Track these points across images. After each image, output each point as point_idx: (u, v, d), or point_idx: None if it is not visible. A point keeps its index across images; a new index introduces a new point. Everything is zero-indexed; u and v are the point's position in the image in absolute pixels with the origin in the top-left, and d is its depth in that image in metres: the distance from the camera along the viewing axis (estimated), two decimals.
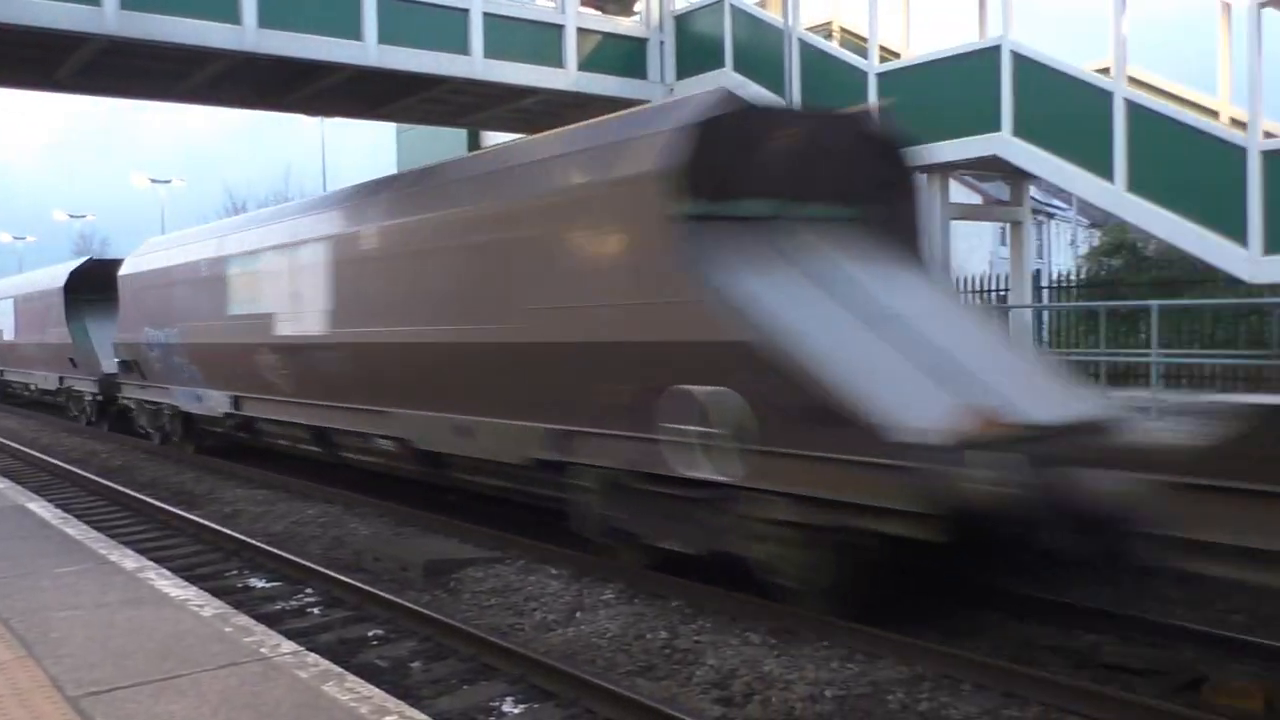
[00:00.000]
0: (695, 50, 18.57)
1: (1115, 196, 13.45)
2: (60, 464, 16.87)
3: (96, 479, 15.09)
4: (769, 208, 8.58)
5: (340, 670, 5.04)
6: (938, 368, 7.26)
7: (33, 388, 26.99)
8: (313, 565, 9.44)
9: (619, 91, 18.60)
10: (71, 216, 75.14)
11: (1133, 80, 14.02)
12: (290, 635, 6.17)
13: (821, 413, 6.60)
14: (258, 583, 9.43)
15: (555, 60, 17.88)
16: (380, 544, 10.15)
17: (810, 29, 17.55)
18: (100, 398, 21.70)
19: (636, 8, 19.61)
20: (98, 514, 12.55)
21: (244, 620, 5.95)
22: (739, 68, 17.78)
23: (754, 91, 16.75)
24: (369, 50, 15.98)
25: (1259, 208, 12.14)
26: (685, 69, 18.67)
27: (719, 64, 17.98)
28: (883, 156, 9.01)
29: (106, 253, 42.27)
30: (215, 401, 15.51)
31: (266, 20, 15.08)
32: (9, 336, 28.01)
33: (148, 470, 16.53)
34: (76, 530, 8.84)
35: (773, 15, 17.60)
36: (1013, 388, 7.28)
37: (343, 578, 8.92)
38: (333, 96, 18.66)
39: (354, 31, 15.87)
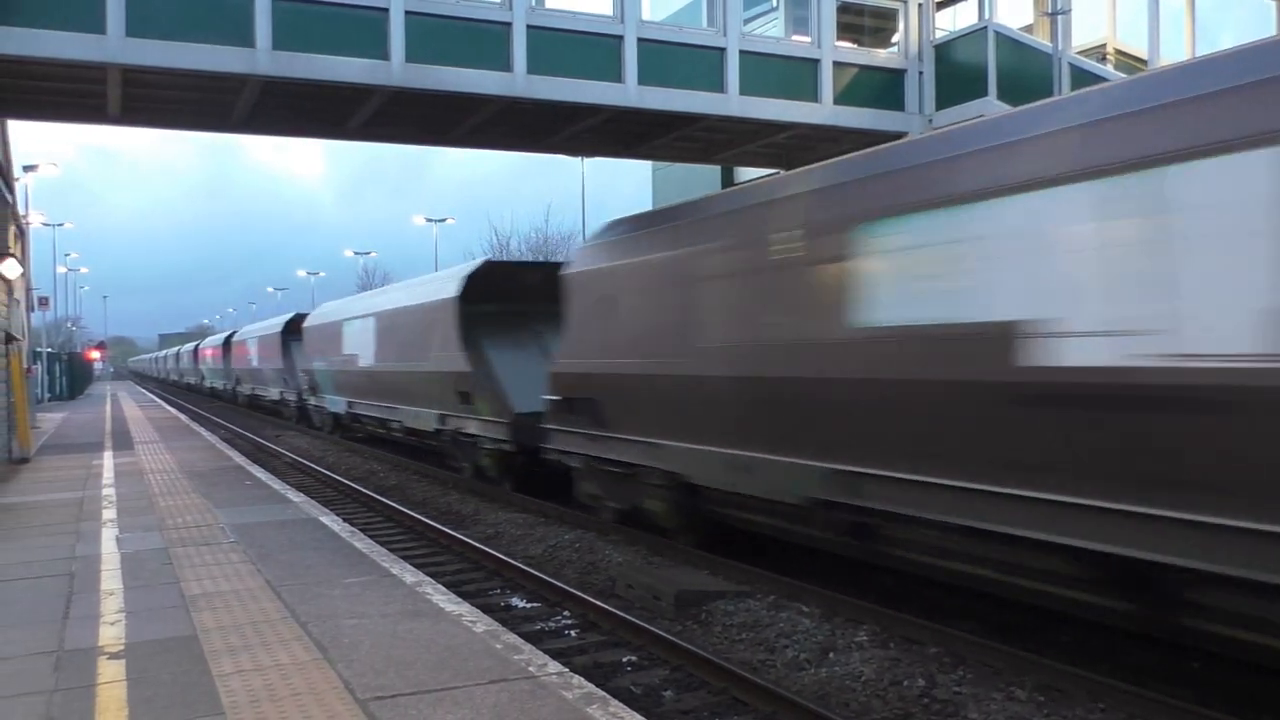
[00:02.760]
0: (956, 80, 18.09)
1: None
2: (344, 481, 18.31)
3: (375, 496, 16.27)
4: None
5: (604, 694, 5.18)
6: None
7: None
8: (570, 589, 9.75)
9: (874, 124, 18.38)
10: (357, 253, 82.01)
11: None
12: (550, 656, 6.39)
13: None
14: (518, 602, 9.85)
15: (810, 95, 17.87)
16: (633, 572, 10.36)
17: (1081, 52, 16.72)
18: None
19: (894, 39, 19.32)
20: (376, 529, 13.51)
21: (513, 638, 6.22)
22: (1004, 96, 17.16)
23: None
24: (629, 91, 16.53)
25: None
26: (945, 99, 18.21)
27: (981, 93, 17.42)
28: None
29: (385, 284, 45.90)
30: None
31: (535, 67, 15.91)
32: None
33: (418, 490, 17.65)
34: (362, 544, 9.55)
35: (1040, 40, 16.90)
36: None
37: (598, 603, 9.17)
38: (592, 137, 19.42)
39: (615, 74, 16.48)
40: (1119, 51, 17.19)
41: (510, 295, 17.07)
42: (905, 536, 7.99)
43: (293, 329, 33.38)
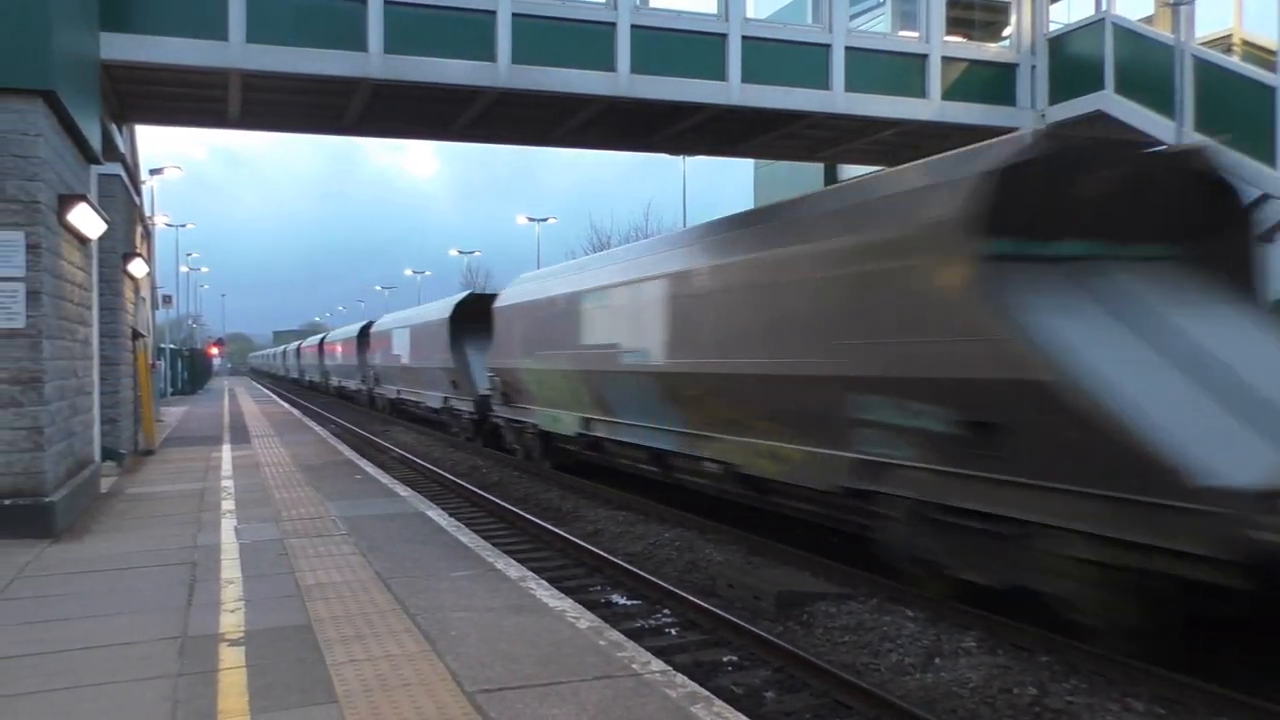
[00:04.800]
0: (1071, 73, 17.57)
1: None
2: (449, 476, 18.68)
3: (478, 491, 16.56)
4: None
5: (708, 694, 5.18)
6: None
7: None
8: (670, 587, 9.77)
9: (983, 120, 17.99)
10: (461, 253, 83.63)
11: None
12: (652, 654, 6.41)
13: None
14: (619, 599, 9.91)
15: (917, 91, 17.57)
16: (733, 571, 10.33)
17: (1204, 43, 16.08)
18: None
19: (1005, 33, 18.87)
20: (480, 524, 13.75)
21: (616, 635, 6.26)
22: (1122, 89, 16.61)
23: (1141, 115, 15.56)
24: (732, 90, 16.49)
25: None
26: (1059, 93, 17.72)
27: (1097, 86, 16.90)
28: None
29: (489, 285, 46.95)
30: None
31: (638, 66, 15.98)
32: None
33: (520, 487, 17.90)
34: (467, 538, 9.73)
35: (1161, 32, 16.30)
36: None
37: (699, 601, 9.17)
38: (694, 135, 19.42)
39: (718, 73, 16.45)
40: (1246, 42, 16.48)
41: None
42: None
43: (469, 313, 25.05)
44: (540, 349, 18.08)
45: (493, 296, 23.44)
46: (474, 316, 24.54)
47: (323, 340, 61.69)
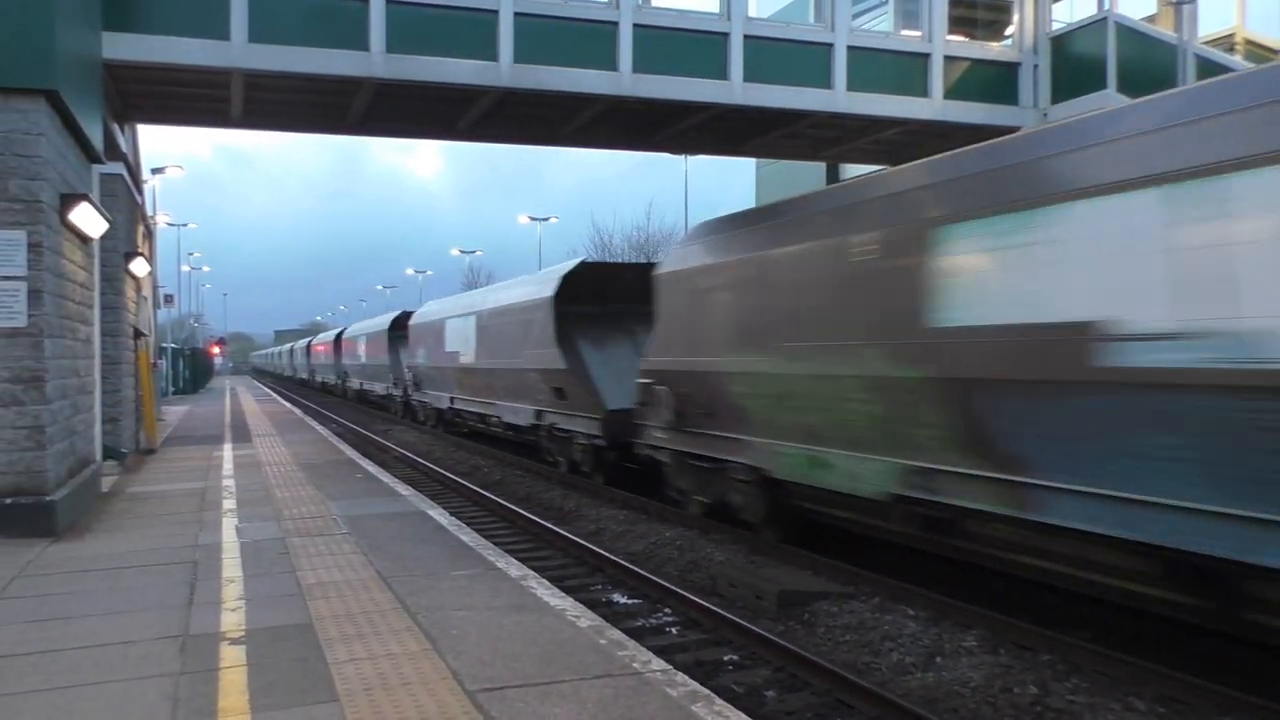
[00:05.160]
0: (1073, 72, 17.57)
1: None
2: (450, 475, 18.68)
3: (479, 490, 16.56)
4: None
5: (708, 692, 5.18)
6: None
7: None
8: (671, 586, 9.76)
9: (986, 119, 17.98)
10: (463, 252, 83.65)
11: None
12: (653, 653, 6.40)
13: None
14: (620, 599, 9.90)
15: (920, 90, 17.56)
16: (735, 571, 10.32)
17: (1207, 42, 16.08)
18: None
19: (1008, 32, 18.86)
20: (481, 523, 13.75)
21: (617, 634, 6.26)
22: (1124, 89, 16.60)
23: None
24: (734, 89, 16.49)
25: None
26: (1061, 93, 17.72)
27: (1099, 85, 16.90)
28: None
29: (489, 283, 46.61)
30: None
31: (641, 66, 15.98)
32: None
33: (522, 486, 17.90)
34: (469, 537, 9.72)
35: (1164, 31, 16.30)
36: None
37: (700, 601, 9.16)
38: (697, 135, 19.42)
39: (720, 72, 16.45)
40: (1249, 41, 16.45)
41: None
42: None
43: (581, 290, 17.76)
44: (791, 337, 10.39)
45: (621, 266, 20.73)
46: (589, 295, 17.69)
47: (339, 336, 53.00)
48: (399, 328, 34.07)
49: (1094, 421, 6.91)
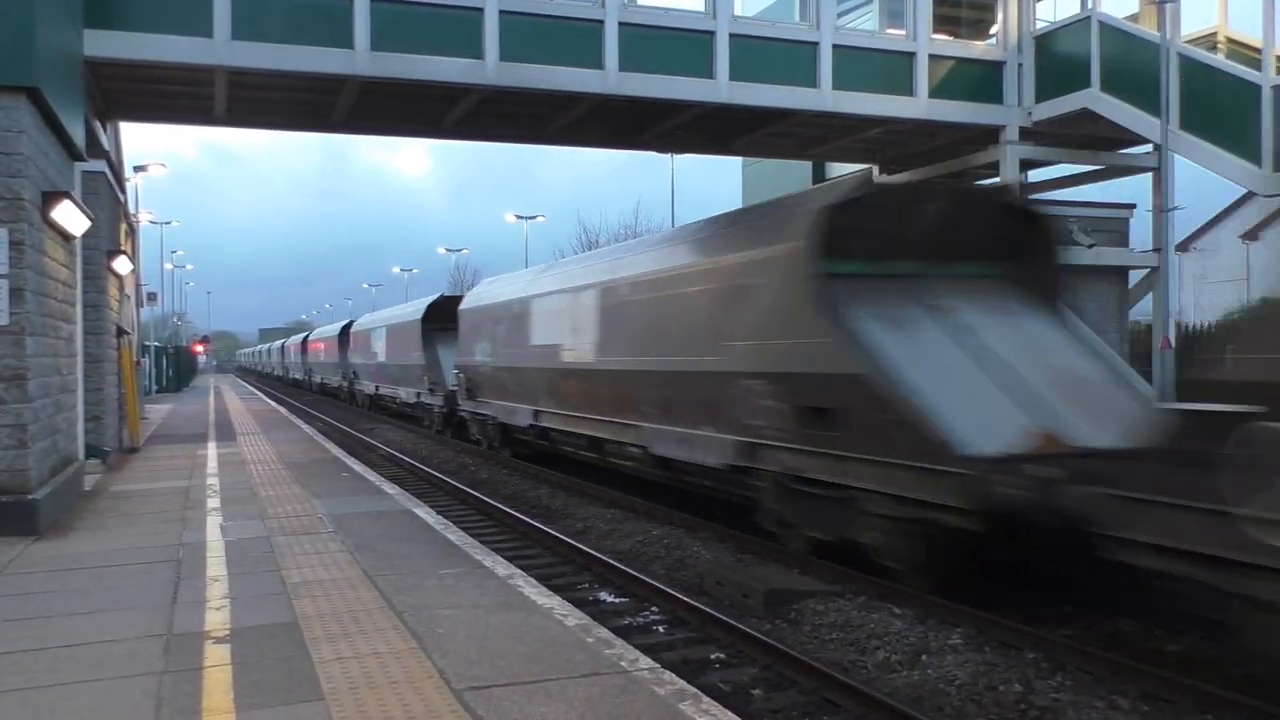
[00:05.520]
0: (1057, 71, 17.64)
1: None
2: (436, 474, 18.64)
3: (466, 489, 16.53)
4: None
5: (695, 690, 5.18)
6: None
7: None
8: (658, 585, 9.76)
9: (970, 118, 18.04)
10: (449, 250, 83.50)
11: None
12: (640, 652, 6.40)
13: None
14: (607, 597, 9.89)
15: (905, 89, 17.60)
16: (721, 569, 10.33)
17: (1190, 41, 16.16)
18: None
19: (992, 31, 18.92)
20: (468, 521, 13.71)
21: (604, 633, 6.25)
22: (1107, 87, 16.67)
23: (1127, 113, 15.62)
24: (720, 87, 16.50)
25: None
26: (1045, 91, 17.78)
27: (1084, 84, 16.97)
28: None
29: (476, 283, 46.32)
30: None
31: (626, 64, 15.97)
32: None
33: (509, 484, 17.87)
34: (455, 536, 9.70)
35: (1147, 30, 16.38)
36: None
37: (687, 599, 9.17)
38: (683, 133, 19.43)
39: (706, 71, 16.45)
40: (1231, 40, 16.56)
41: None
42: None
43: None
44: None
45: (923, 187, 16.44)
46: (868, 242, 10.39)
47: (346, 329, 44.39)
48: (439, 314, 27.65)
49: None
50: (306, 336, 66.55)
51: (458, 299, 26.25)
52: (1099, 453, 8.20)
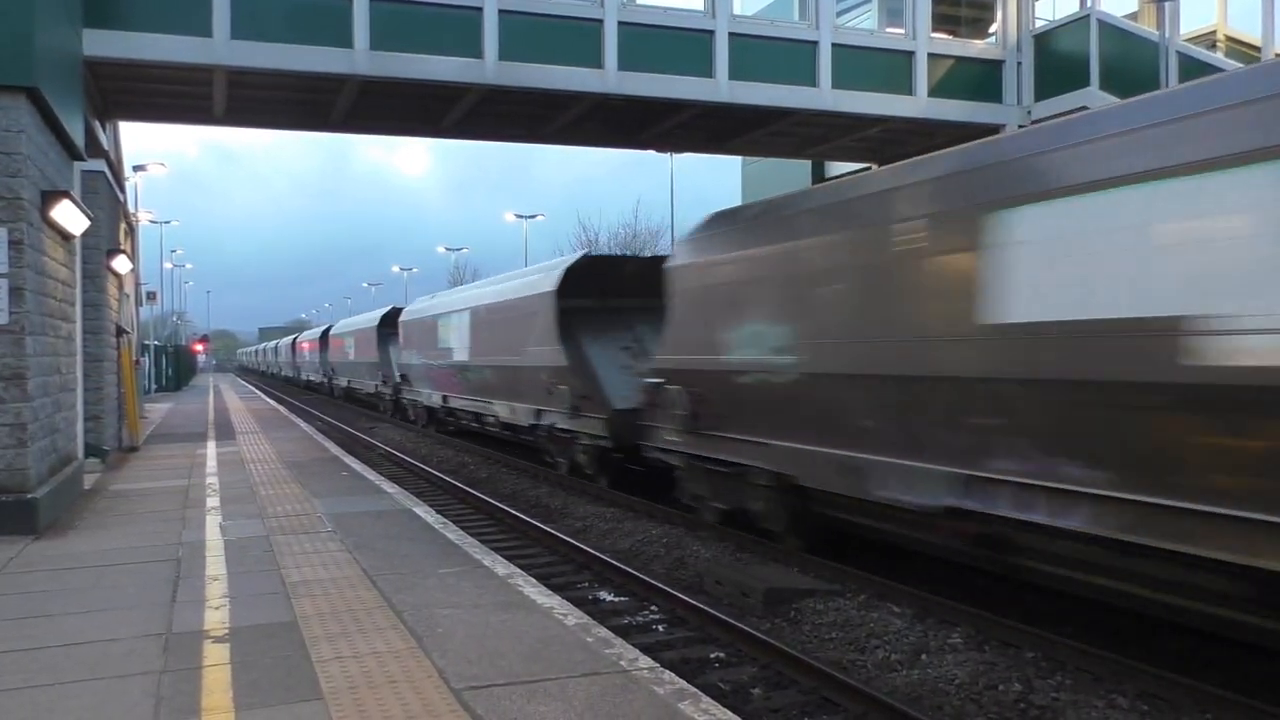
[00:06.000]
0: (1056, 70, 17.64)
1: None
2: (436, 473, 18.64)
3: (466, 488, 16.52)
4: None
5: (695, 690, 5.17)
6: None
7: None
8: (658, 584, 9.76)
9: (970, 117, 18.03)
10: (449, 249, 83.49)
11: None
12: (640, 651, 6.39)
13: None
14: (607, 596, 9.89)
15: (904, 88, 17.59)
16: (721, 568, 10.32)
17: (1189, 40, 16.16)
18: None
19: (991, 29, 18.92)
20: (467, 521, 13.71)
21: (604, 632, 6.25)
22: (1107, 86, 16.67)
23: None
24: (719, 86, 16.49)
25: None
26: (1045, 90, 17.78)
27: (1083, 82, 16.96)
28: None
29: (476, 280, 46.24)
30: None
31: (626, 64, 15.97)
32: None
33: (508, 483, 17.87)
34: (455, 535, 9.70)
35: (1146, 28, 16.38)
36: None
37: (686, 598, 9.16)
38: (682, 132, 19.42)
39: (706, 70, 16.44)
40: (1230, 38, 16.57)
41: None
42: None
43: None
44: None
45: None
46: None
47: (388, 318, 34.37)
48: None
49: None
50: (327, 332, 64.69)
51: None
52: None
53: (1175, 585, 6.77)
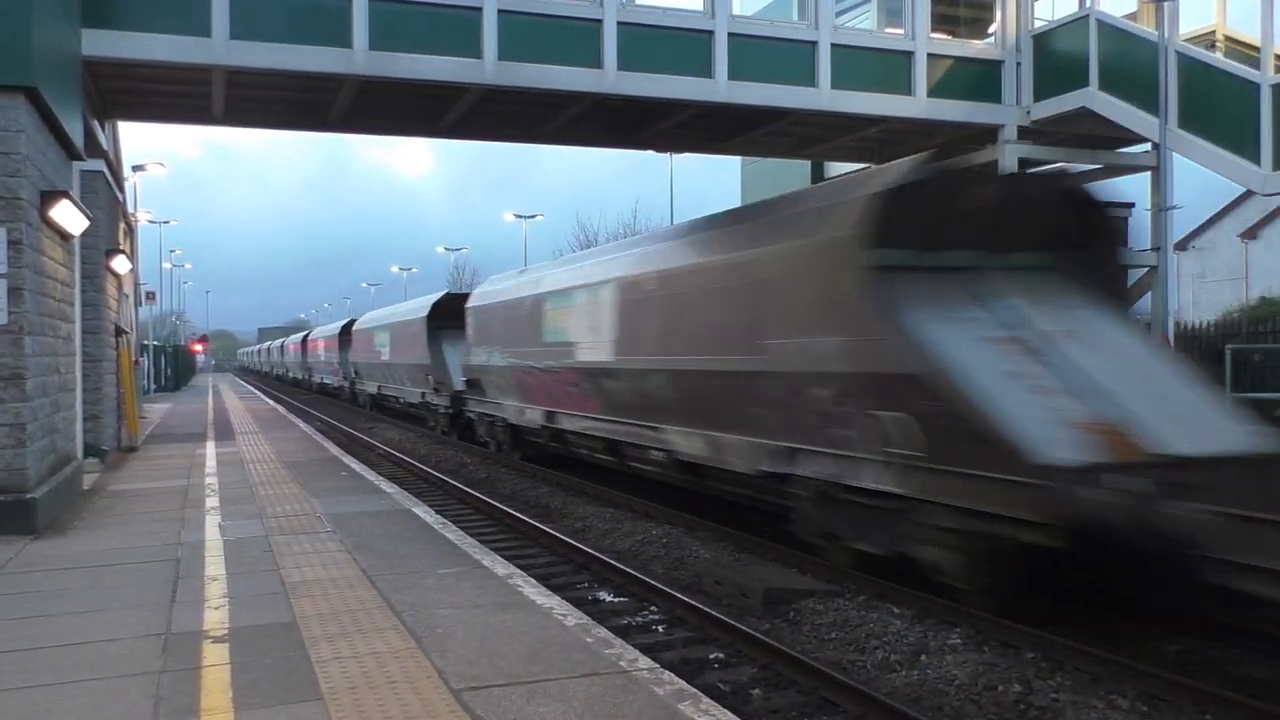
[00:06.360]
0: (1055, 70, 17.62)
1: None
2: (435, 473, 18.63)
3: (465, 488, 16.52)
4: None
5: (695, 691, 5.17)
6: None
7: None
8: (657, 584, 9.76)
9: (969, 117, 18.01)
10: (448, 249, 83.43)
11: None
12: (640, 651, 6.39)
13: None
14: (606, 596, 9.89)
15: (903, 88, 17.57)
16: (720, 568, 10.32)
17: (1188, 40, 16.15)
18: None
19: (990, 30, 18.91)
20: (467, 521, 13.71)
21: (603, 633, 6.25)
22: (1106, 86, 16.66)
23: (1125, 112, 15.62)
24: (719, 87, 16.46)
25: None
26: (1044, 90, 17.76)
27: (1082, 83, 16.95)
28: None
29: (475, 282, 46.10)
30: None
31: (625, 64, 15.94)
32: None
33: (508, 483, 17.87)
34: (454, 535, 9.70)
35: (1145, 28, 16.37)
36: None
37: (686, 599, 9.16)
38: (681, 133, 19.40)
39: (705, 70, 16.42)
40: (1229, 39, 16.56)
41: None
42: None
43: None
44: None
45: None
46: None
47: (441, 306, 27.40)
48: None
49: None
50: (348, 326, 57.55)
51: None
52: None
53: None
